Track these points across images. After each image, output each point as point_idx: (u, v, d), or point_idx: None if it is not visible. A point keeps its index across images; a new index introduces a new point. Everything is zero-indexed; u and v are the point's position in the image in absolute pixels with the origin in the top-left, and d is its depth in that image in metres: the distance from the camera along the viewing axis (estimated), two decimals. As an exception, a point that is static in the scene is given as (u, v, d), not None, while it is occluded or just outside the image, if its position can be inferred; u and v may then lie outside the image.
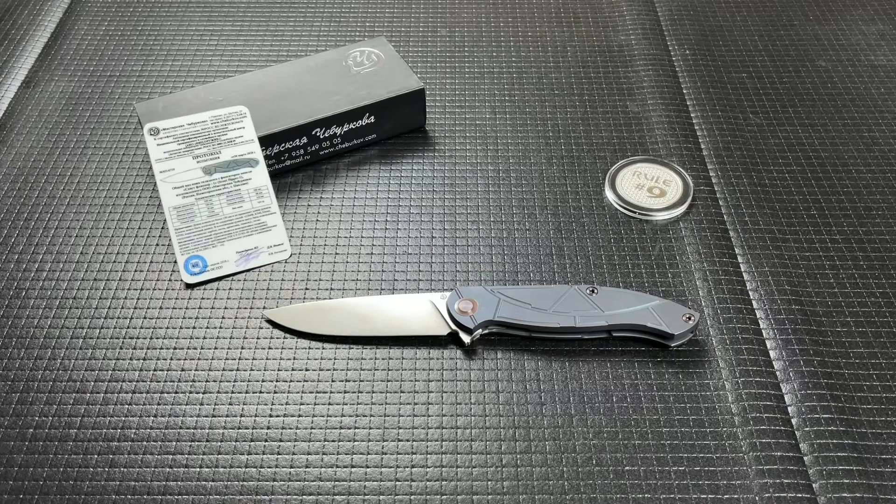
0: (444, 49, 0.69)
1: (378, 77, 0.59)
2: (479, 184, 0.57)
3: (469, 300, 0.47)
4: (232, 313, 0.49)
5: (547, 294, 0.47)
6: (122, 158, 0.59)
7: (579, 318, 0.45)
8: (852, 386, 0.45)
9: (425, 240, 0.53)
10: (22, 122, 0.61)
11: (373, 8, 0.73)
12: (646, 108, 0.63)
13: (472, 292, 0.47)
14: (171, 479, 0.41)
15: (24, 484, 0.41)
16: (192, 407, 0.44)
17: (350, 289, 0.50)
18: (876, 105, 0.63)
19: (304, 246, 0.53)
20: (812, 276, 0.51)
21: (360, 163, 0.59)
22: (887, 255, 0.52)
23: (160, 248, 0.53)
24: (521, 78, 0.66)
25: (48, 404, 0.44)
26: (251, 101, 0.56)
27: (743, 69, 0.67)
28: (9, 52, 0.68)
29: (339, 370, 0.46)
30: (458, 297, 0.47)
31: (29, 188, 0.56)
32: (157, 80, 0.65)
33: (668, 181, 0.56)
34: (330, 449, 0.42)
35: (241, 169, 0.54)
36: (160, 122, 0.54)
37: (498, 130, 0.61)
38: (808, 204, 0.56)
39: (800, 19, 0.72)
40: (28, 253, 0.52)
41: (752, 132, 0.61)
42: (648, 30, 0.70)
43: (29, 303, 0.49)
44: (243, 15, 0.72)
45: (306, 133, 0.56)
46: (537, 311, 0.46)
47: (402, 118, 0.59)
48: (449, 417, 0.44)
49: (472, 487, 0.41)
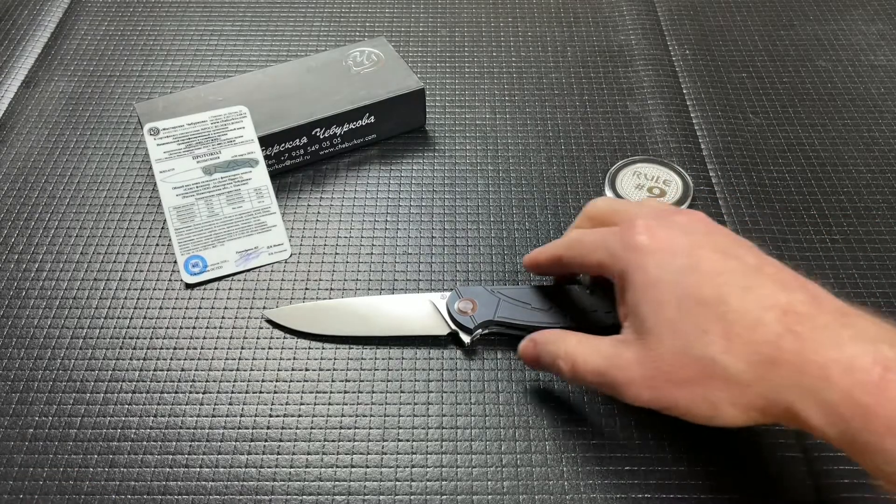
0: (444, 49, 0.69)
1: (378, 77, 0.59)
2: (479, 184, 0.57)
3: (469, 300, 0.47)
4: (232, 313, 0.49)
5: (547, 294, 0.46)
6: (121, 158, 0.59)
7: (579, 318, 0.45)
8: (852, 386, 0.45)
9: (425, 240, 0.53)
10: (22, 122, 0.61)
11: (373, 8, 0.73)
12: (646, 108, 0.63)
13: (472, 292, 0.47)
14: (171, 479, 0.41)
15: (23, 484, 0.41)
16: (192, 407, 0.44)
17: (350, 289, 0.50)
18: (876, 105, 0.63)
19: (304, 246, 0.53)
20: (812, 277, 0.50)
21: (360, 163, 0.59)
22: (887, 256, 0.52)
23: (160, 248, 0.52)
24: (521, 78, 0.66)
25: (48, 404, 0.44)
26: (251, 101, 0.56)
27: (743, 69, 0.67)
28: (9, 52, 0.68)
29: (339, 370, 0.46)
30: (458, 297, 0.47)
31: (29, 188, 0.56)
32: (156, 80, 0.65)
33: (668, 181, 0.56)
34: (330, 449, 0.42)
35: (241, 169, 0.54)
36: (160, 122, 0.54)
37: (498, 130, 0.61)
38: (808, 204, 0.56)
39: (800, 19, 0.72)
40: (28, 253, 0.52)
41: (752, 132, 0.61)
42: (648, 30, 0.70)
43: (29, 303, 0.49)
44: (243, 15, 0.72)
45: (306, 133, 0.56)
46: (537, 311, 0.46)
47: (402, 118, 0.59)
48: (449, 417, 0.44)
49: (472, 487, 0.41)
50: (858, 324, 0.33)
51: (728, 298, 0.34)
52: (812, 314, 0.33)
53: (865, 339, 0.32)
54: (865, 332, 0.32)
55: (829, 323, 0.33)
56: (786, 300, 0.34)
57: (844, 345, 0.32)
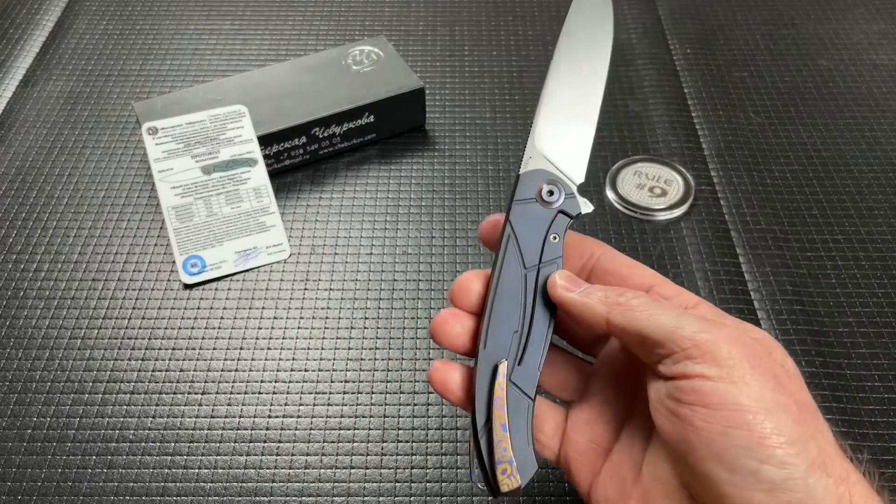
0: (444, 48, 0.68)
1: (377, 76, 0.58)
2: (479, 184, 0.57)
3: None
4: (231, 314, 0.49)
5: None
6: (120, 158, 0.58)
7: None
8: (854, 387, 0.45)
9: (425, 240, 0.53)
10: (20, 122, 0.61)
11: (372, 7, 0.73)
12: (647, 108, 0.63)
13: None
14: (170, 479, 0.41)
15: (21, 485, 0.41)
16: (191, 408, 0.44)
17: (350, 289, 0.50)
18: (878, 104, 0.63)
19: (303, 246, 0.53)
20: (814, 277, 0.51)
21: (360, 162, 0.58)
22: (889, 255, 0.52)
23: (159, 248, 0.52)
24: (521, 78, 0.66)
25: (46, 405, 0.44)
26: (250, 101, 0.56)
27: (744, 68, 0.66)
28: (7, 52, 0.68)
29: (339, 370, 0.46)
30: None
31: (27, 188, 0.56)
32: (155, 79, 0.65)
33: (669, 181, 0.56)
34: (329, 450, 0.42)
35: (240, 168, 0.53)
36: (159, 121, 0.54)
37: (498, 130, 0.61)
38: (809, 203, 0.55)
39: (801, 18, 0.72)
40: (26, 253, 0.52)
41: (753, 131, 0.61)
42: (649, 28, 0.70)
43: (27, 303, 0.49)
44: (242, 14, 0.72)
45: (305, 132, 0.55)
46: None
47: (402, 117, 0.59)
48: (449, 418, 0.44)
49: (472, 488, 0.41)
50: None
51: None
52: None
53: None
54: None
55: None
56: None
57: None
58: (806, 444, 0.27)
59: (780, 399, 0.28)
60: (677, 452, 0.29)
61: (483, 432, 0.31)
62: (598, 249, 0.35)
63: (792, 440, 0.27)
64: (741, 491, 0.27)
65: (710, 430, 0.27)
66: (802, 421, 0.28)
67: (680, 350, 0.29)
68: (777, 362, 0.30)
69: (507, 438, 0.31)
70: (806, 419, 0.28)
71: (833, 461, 0.27)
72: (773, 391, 0.28)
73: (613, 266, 0.35)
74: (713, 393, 0.28)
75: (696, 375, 0.28)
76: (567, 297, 0.32)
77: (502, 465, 0.31)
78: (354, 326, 0.48)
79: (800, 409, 0.28)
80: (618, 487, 0.32)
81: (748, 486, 0.27)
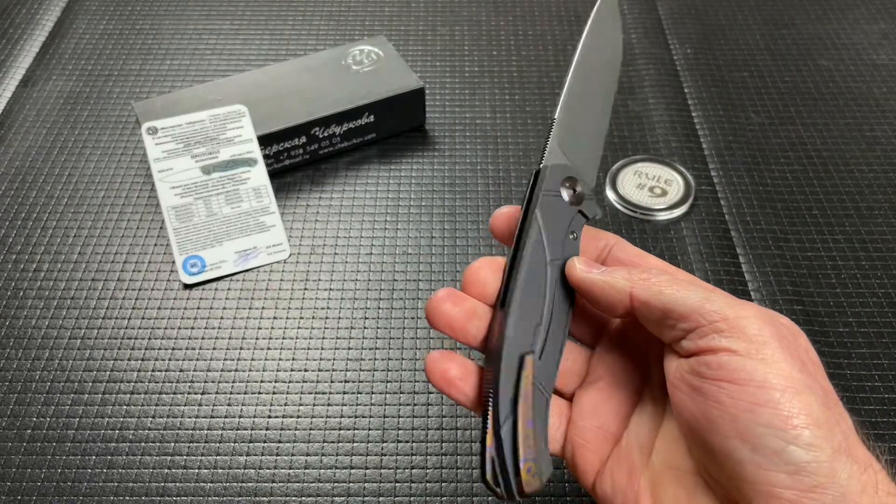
0: (444, 48, 0.68)
1: (377, 76, 0.58)
2: (479, 184, 0.57)
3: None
4: (231, 314, 0.49)
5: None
6: (120, 158, 0.58)
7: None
8: (854, 387, 0.45)
9: (425, 240, 0.53)
10: (20, 122, 0.61)
11: (372, 7, 0.73)
12: (647, 108, 0.62)
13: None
14: (170, 480, 0.41)
15: (21, 485, 0.41)
16: (191, 408, 0.44)
17: (350, 289, 0.50)
18: (878, 104, 0.63)
19: (303, 246, 0.53)
20: (814, 277, 0.51)
21: (360, 162, 0.58)
22: (889, 255, 0.52)
23: (158, 248, 0.52)
24: (521, 78, 0.65)
25: (46, 405, 0.44)
26: (250, 100, 0.56)
27: (744, 68, 0.66)
28: (7, 51, 0.67)
29: (339, 370, 0.46)
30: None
31: (27, 188, 0.56)
32: (155, 78, 0.65)
33: (670, 181, 0.56)
34: (329, 450, 0.42)
35: (240, 168, 0.53)
36: (158, 121, 0.54)
37: (498, 130, 0.61)
38: (809, 203, 0.55)
39: (801, 18, 0.72)
40: (26, 253, 0.52)
41: (753, 131, 0.61)
42: (649, 28, 0.70)
43: (27, 303, 0.49)
44: (242, 13, 0.72)
45: (305, 132, 0.55)
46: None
47: (402, 117, 0.59)
48: (449, 418, 0.43)
49: (472, 488, 0.41)
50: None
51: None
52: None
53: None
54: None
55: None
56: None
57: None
58: (832, 429, 0.26)
59: (808, 381, 0.27)
60: (697, 431, 0.28)
61: (506, 428, 0.29)
62: (611, 240, 0.35)
63: (819, 422, 0.26)
64: (763, 471, 0.26)
65: (735, 406, 0.27)
66: (828, 405, 0.27)
67: (707, 323, 0.28)
68: (802, 348, 0.29)
69: (533, 435, 0.30)
70: (831, 405, 0.27)
71: (857, 449, 0.27)
72: (801, 372, 0.27)
73: (626, 256, 0.35)
74: (741, 368, 0.27)
75: (722, 349, 0.28)
76: (588, 278, 0.32)
77: (527, 462, 0.29)
78: (354, 326, 0.48)
79: (825, 394, 0.28)
80: (626, 474, 0.31)
81: (771, 467, 0.26)
